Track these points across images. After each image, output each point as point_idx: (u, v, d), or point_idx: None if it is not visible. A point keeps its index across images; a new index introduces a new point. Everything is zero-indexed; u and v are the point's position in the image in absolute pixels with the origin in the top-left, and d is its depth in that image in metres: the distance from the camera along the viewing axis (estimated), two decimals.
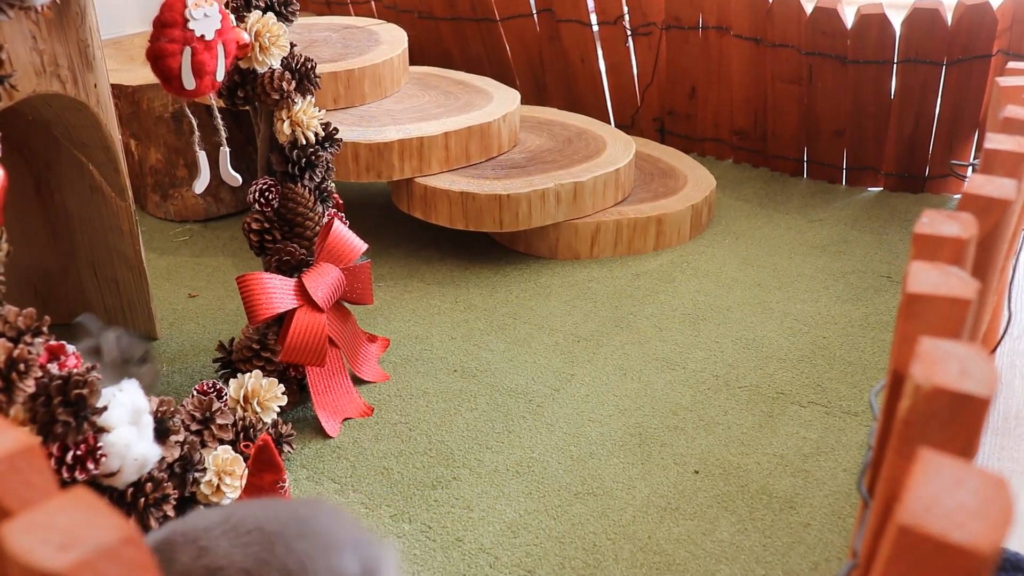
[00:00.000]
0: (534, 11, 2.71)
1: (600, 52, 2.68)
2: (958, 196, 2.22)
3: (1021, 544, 1.12)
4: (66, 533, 0.42)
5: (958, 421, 0.52)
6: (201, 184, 1.40)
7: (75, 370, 1.03)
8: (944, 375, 0.52)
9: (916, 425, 0.53)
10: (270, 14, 1.41)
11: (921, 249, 0.73)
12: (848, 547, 1.20)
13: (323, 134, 1.51)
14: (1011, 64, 1.42)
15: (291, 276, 1.48)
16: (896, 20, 2.18)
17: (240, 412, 1.35)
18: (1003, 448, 1.38)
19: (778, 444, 1.41)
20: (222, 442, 1.28)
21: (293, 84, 1.45)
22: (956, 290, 0.63)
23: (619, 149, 2.15)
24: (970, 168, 2.17)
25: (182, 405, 1.28)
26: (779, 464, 1.36)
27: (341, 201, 1.60)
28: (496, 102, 2.18)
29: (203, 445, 1.25)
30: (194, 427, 1.25)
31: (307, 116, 1.47)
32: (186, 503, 1.21)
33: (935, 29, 2.13)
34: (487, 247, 2.10)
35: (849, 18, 2.22)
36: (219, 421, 1.28)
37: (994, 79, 1.41)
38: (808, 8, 2.26)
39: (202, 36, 1.23)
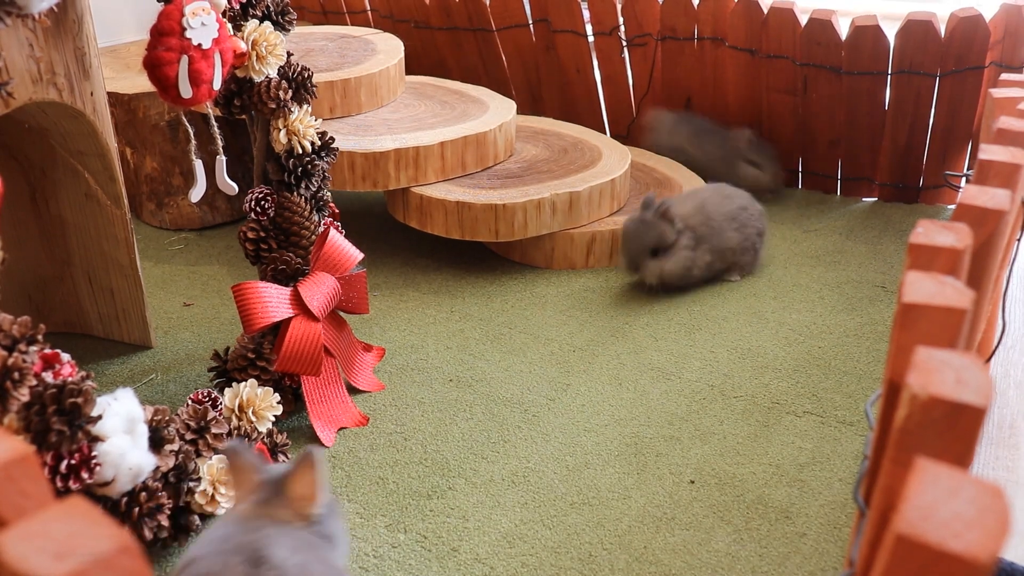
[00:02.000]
0: (530, 21, 2.72)
1: (596, 62, 2.69)
2: (952, 206, 2.23)
3: (1017, 553, 1.12)
4: (61, 542, 0.42)
5: (954, 430, 0.52)
6: (197, 193, 1.40)
7: (70, 379, 1.02)
8: (940, 384, 0.52)
9: (912, 434, 0.53)
10: (267, 23, 1.42)
11: (916, 259, 0.73)
12: (844, 557, 1.20)
13: (319, 143, 1.51)
14: (1004, 76, 1.43)
15: (287, 285, 1.48)
16: (890, 32, 2.19)
17: (235, 421, 1.35)
18: (998, 458, 1.39)
19: (774, 454, 1.41)
20: (217, 451, 1.27)
21: (290, 93, 1.45)
22: (951, 300, 0.64)
23: (615, 159, 2.16)
24: (964, 179, 2.18)
25: (177, 414, 1.27)
26: (775, 474, 1.36)
27: (337, 210, 1.60)
28: (492, 112, 2.19)
29: (198, 454, 1.24)
30: (189, 436, 1.25)
31: (303, 125, 1.48)
32: (181, 513, 1.20)
33: (929, 41, 2.15)
34: (483, 257, 2.10)
35: (844, 30, 2.23)
36: (214, 430, 1.27)
37: (987, 90, 1.42)
38: (803, 20, 2.27)
39: (199, 45, 1.24)
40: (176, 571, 0.83)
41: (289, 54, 1.46)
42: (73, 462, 1.02)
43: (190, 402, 1.34)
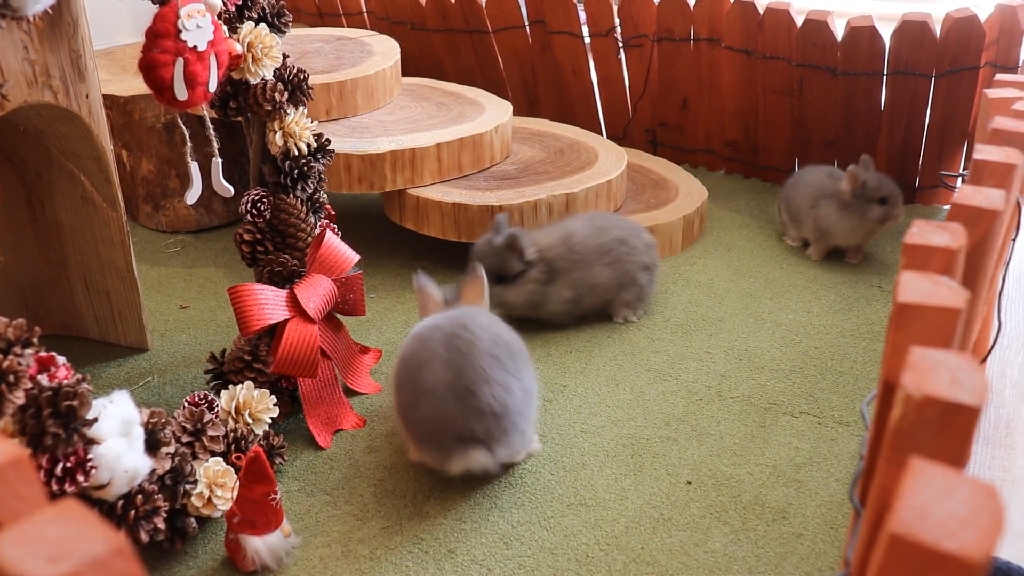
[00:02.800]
0: (526, 23, 2.73)
1: (592, 64, 2.69)
2: (948, 207, 2.23)
3: (1012, 552, 1.12)
4: (56, 545, 0.42)
5: (949, 430, 0.52)
6: (193, 195, 1.40)
7: (65, 382, 1.02)
8: (935, 384, 0.52)
9: (907, 434, 0.53)
10: (263, 25, 1.41)
11: (911, 259, 0.73)
12: (840, 557, 1.20)
13: (315, 145, 1.51)
14: (999, 76, 1.43)
15: (283, 287, 1.47)
16: (886, 32, 2.19)
17: (232, 424, 1.35)
18: (994, 458, 1.39)
19: (770, 454, 1.41)
20: (213, 454, 1.27)
21: (285, 95, 1.45)
22: (946, 300, 0.64)
23: (611, 160, 2.16)
24: (959, 179, 2.18)
25: (173, 417, 1.27)
26: (771, 474, 1.36)
27: (333, 212, 1.60)
28: (488, 113, 2.19)
29: (194, 457, 1.24)
30: (185, 439, 1.25)
31: (299, 127, 1.47)
32: (177, 515, 1.20)
33: (924, 41, 2.15)
34: None
35: (839, 30, 2.24)
36: (210, 433, 1.27)
37: (982, 91, 1.42)
38: (799, 20, 2.27)
39: (195, 47, 1.24)
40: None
41: (285, 56, 1.46)
42: (68, 465, 1.02)
43: (186, 404, 1.34)
